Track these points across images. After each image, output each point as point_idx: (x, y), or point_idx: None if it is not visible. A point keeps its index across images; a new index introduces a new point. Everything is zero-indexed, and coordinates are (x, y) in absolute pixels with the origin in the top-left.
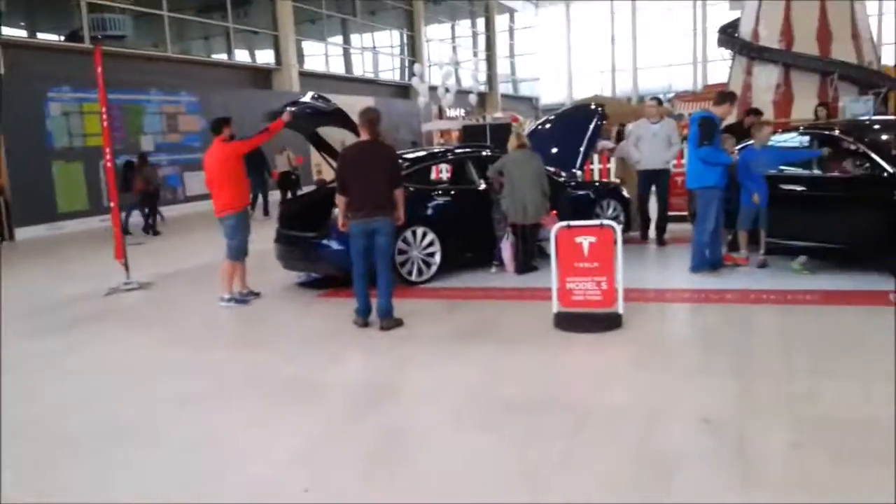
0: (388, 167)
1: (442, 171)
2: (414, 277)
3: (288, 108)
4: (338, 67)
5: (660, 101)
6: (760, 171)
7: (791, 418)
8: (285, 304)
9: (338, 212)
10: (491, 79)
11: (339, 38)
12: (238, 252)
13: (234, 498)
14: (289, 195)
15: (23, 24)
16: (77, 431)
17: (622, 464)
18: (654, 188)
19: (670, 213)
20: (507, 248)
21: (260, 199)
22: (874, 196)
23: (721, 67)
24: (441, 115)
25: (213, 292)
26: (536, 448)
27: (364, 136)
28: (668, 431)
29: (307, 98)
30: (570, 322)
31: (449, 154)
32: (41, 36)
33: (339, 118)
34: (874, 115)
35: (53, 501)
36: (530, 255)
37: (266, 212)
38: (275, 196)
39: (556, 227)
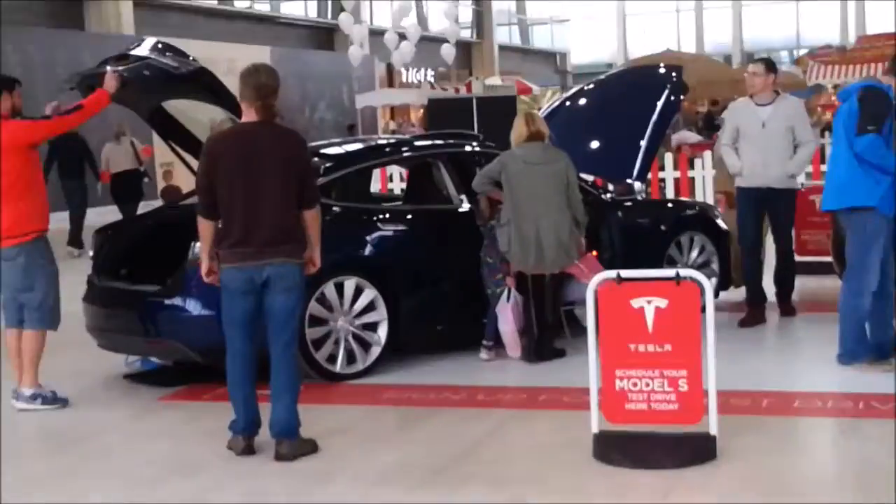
0: (293, 170)
1: (392, 180)
2: (339, 367)
3: (112, 68)
4: None
5: (771, 66)
6: None
7: None
8: (104, 412)
9: (200, 248)
10: (481, 19)
11: None
12: (52, 314)
13: None
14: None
15: None
16: None
17: None
18: (767, 219)
19: (800, 260)
20: (507, 316)
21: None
22: None
23: (889, 8)
24: (392, 80)
25: None
26: None
27: (250, 117)
28: None
29: (146, 49)
30: (622, 450)
31: (404, 149)
32: None
33: (202, 85)
34: None
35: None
36: (550, 330)
37: (79, 243)
38: (104, 215)
39: (596, 281)
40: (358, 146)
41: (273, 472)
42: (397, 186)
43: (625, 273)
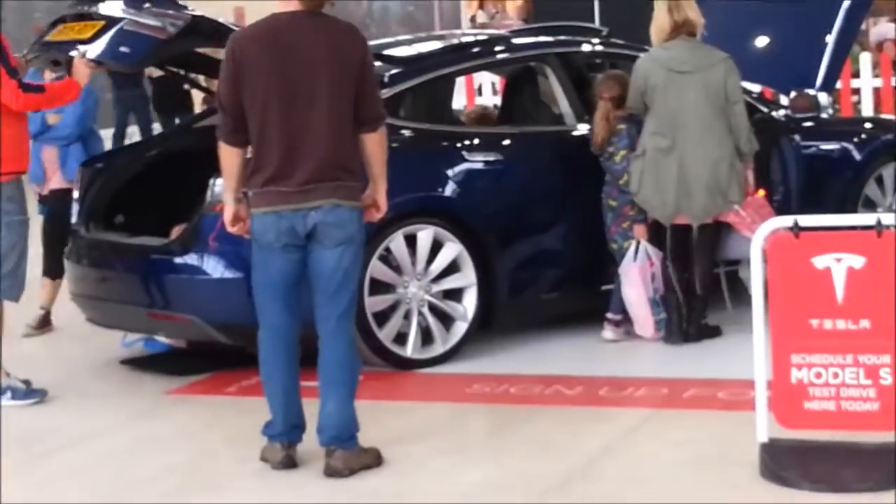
0: (350, 78)
1: (481, 93)
2: (411, 350)
3: (79, 53)
4: None
5: None
6: None
7: None
8: (95, 410)
9: (222, 187)
10: None
11: None
12: (12, 278)
13: None
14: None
15: None
16: None
17: None
18: None
19: None
20: (632, 279)
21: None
22: None
23: None
24: None
25: None
26: None
27: (289, 5)
28: None
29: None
30: (799, 465)
31: (498, 49)
32: None
33: (202, 37)
34: None
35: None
36: (699, 300)
37: None
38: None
39: (763, 231)
40: (435, 45)
41: (322, 492)
42: (489, 101)
43: (804, 220)
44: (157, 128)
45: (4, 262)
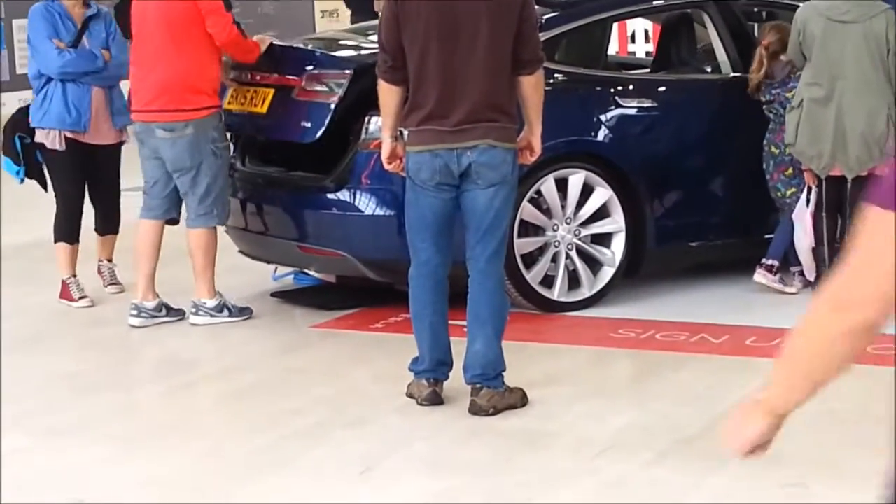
0: (510, 19)
1: (634, 40)
2: (558, 293)
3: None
4: None
5: None
6: None
7: None
8: (242, 342)
9: (380, 124)
10: None
11: None
12: (220, 202)
13: None
14: None
15: None
16: None
17: None
18: None
19: None
20: (806, 225)
21: None
22: None
23: None
24: None
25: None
26: None
27: None
28: None
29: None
30: None
31: None
32: None
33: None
34: None
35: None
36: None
37: None
38: None
39: None
40: None
41: (466, 429)
42: (641, 48)
43: None
44: None
45: (212, 187)
